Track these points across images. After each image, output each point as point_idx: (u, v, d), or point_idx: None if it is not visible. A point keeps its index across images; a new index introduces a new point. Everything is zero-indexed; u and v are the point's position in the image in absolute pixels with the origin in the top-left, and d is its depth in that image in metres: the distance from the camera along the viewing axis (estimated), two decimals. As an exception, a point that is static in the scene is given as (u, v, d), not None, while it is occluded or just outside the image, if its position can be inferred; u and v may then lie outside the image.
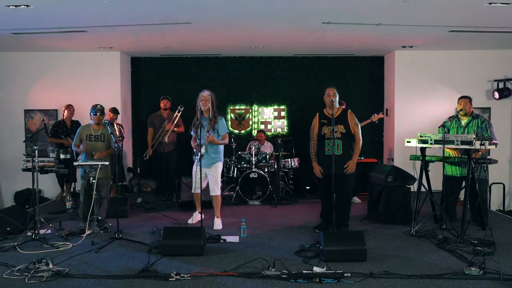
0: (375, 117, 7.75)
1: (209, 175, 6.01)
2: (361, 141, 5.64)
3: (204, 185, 5.94)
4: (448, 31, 6.77)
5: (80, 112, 7.92)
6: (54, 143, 7.61)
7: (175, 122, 7.86)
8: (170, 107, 8.30)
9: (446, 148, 5.54)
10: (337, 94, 5.60)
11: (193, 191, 6.02)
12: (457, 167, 6.02)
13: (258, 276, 4.16)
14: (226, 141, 6.08)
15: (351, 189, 5.79)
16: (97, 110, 5.87)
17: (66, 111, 7.82)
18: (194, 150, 5.98)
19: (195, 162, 5.97)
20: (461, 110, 5.96)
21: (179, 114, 7.60)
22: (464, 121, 6.03)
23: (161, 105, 8.30)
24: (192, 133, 6.10)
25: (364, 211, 6.73)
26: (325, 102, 5.67)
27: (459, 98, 6.11)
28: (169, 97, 8.41)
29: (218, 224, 6.02)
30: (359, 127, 5.70)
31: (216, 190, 6.04)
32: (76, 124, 7.69)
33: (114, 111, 8.02)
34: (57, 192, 8.21)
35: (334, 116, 5.41)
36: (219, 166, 6.05)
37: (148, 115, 8.61)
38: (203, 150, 5.83)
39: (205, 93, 5.92)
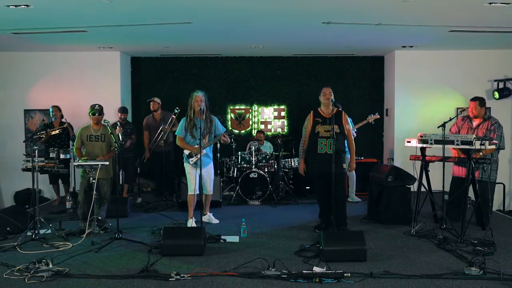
0: (371, 118, 7.76)
1: (207, 175, 6.09)
2: (353, 141, 5.85)
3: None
4: (448, 31, 6.77)
5: (80, 112, 7.92)
6: (43, 142, 7.51)
7: (172, 123, 7.80)
8: (159, 107, 8.23)
9: (452, 148, 5.55)
10: (332, 94, 5.64)
11: (192, 193, 6.01)
12: (462, 168, 6.02)
13: (258, 276, 4.16)
14: None
15: (343, 188, 5.89)
16: (95, 110, 5.86)
17: (55, 112, 7.61)
18: (187, 152, 5.98)
19: (190, 164, 5.98)
20: (463, 111, 5.97)
21: (175, 116, 7.58)
22: (475, 122, 6.03)
23: (150, 107, 8.24)
24: (179, 133, 6.03)
25: (364, 211, 6.73)
26: (321, 102, 5.72)
27: (470, 100, 6.09)
28: (156, 99, 8.26)
29: (213, 218, 6.30)
30: (351, 128, 5.86)
31: (211, 188, 6.25)
32: (64, 129, 7.53)
33: (121, 110, 8.03)
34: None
35: (329, 116, 5.52)
36: (212, 165, 6.25)
37: (146, 116, 8.58)
38: (204, 151, 5.89)
39: (200, 94, 5.94)
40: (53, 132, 7.44)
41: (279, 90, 9.55)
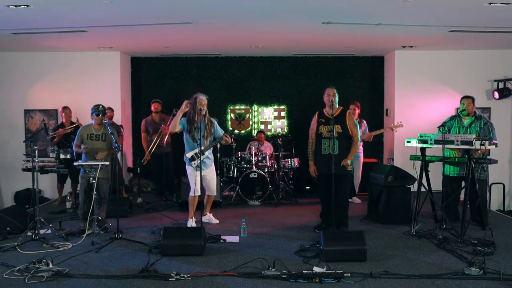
0: (394, 126, 7.73)
1: (210, 176, 6.09)
2: (358, 142, 5.68)
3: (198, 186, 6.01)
4: (448, 31, 6.77)
5: (80, 112, 7.91)
6: (56, 142, 7.51)
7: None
8: (161, 109, 8.30)
9: (448, 147, 5.53)
10: (336, 94, 5.62)
11: (193, 194, 6.00)
12: (454, 167, 6.01)
13: (258, 276, 4.16)
14: None
15: (348, 189, 5.81)
16: (100, 111, 5.88)
17: (64, 113, 7.64)
18: (189, 156, 5.97)
19: (192, 165, 5.97)
20: (463, 110, 5.96)
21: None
22: (466, 121, 6.02)
23: (152, 108, 8.28)
24: (183, 131, 6.03)
25: (364, 211, 6.73)
26: (325, 102, 5.69)
27: (462, 98, 6.10)
28: (160, 100, 8.39)
29: (213, 218, 6.32)
30: (358, 128, 5.73)
31: (215, 189, 6.23)
32: (76, 127, 7.53)
33: (109, 108, 8.03)
34: (56, 192, 8.18)
35: (333, 116, 5.43)
36: (213, 166, 6.23)
37: (146, 116, 8.58)
38: (206, 153, 5.92)
39: (204, 98, 5.93)
40: (68, 131, 7.44)
41: (279, 90, 9.54)
